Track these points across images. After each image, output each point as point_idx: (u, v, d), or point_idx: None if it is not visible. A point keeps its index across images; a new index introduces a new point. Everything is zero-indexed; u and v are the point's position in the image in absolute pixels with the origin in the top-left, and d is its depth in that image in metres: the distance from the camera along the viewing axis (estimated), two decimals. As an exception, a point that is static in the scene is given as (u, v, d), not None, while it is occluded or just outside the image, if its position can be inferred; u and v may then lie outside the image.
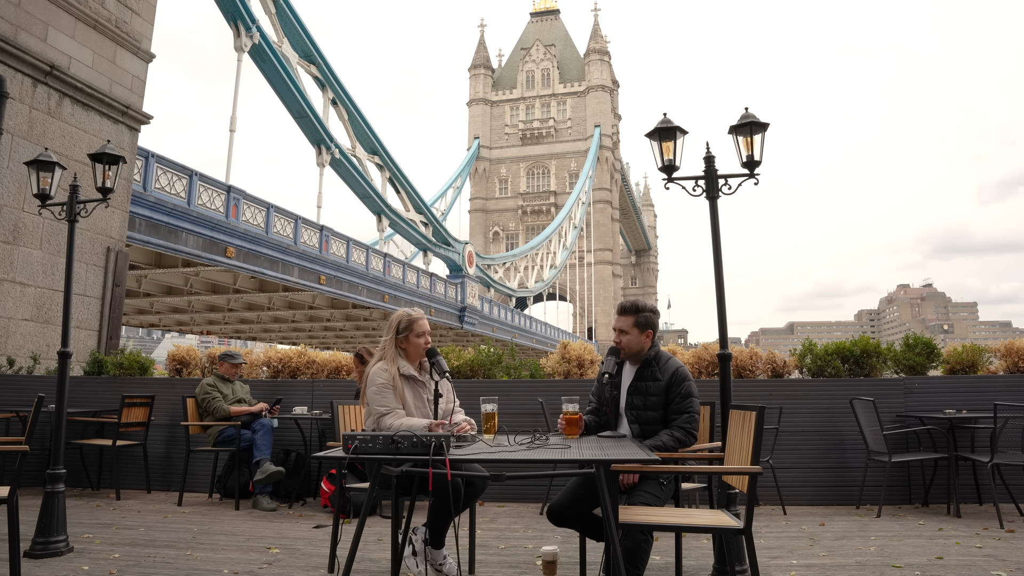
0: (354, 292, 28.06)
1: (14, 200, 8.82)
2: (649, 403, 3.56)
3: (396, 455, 2.84)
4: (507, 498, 6.44)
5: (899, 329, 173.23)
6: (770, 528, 5.19)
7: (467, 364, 7.14)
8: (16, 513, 3.60)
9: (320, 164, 28.73)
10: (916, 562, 4.13)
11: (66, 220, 4.97)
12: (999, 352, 6.73)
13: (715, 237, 4.15)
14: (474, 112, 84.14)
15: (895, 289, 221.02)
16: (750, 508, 2.95)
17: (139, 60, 10.91)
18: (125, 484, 6.97)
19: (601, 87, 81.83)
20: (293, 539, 4.97)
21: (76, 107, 9.73)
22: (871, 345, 6.65)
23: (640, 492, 3.34)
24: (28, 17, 9.05)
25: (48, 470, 4.60)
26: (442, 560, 3.68)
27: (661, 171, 4.17)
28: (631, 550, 3.00)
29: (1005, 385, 6.22)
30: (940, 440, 5.93)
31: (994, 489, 5.35)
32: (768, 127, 4.10)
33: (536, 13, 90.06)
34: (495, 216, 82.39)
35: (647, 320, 3.65)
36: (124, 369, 7.97)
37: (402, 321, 3.80)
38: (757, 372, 6.82)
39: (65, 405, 4.73)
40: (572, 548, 4.17)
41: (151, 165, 17.78)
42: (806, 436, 6.27)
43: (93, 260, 10.03)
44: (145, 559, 4.35)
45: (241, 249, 21.41)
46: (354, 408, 4.67)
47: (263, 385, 7.39)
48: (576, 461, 2.83)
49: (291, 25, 27.23)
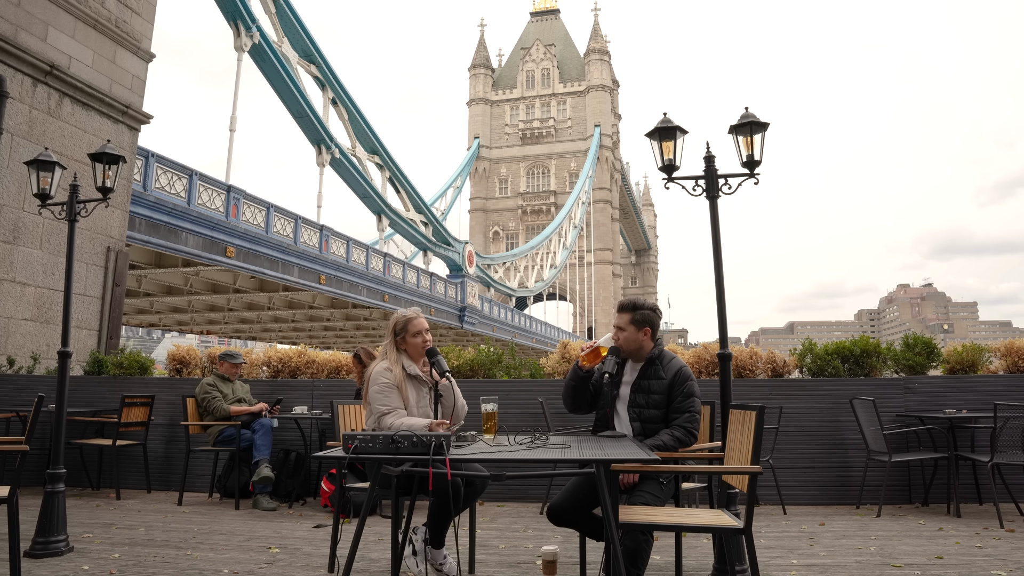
0: (354, 292, 28.06)
1: (14, 200, 8.82)
2: (652, 402, 3.56)
3: (396, 455, 2.84)
4: (507, 498, 6.44)
5: (899, 329, 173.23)
6: (770, 528, 5.19)
7: (467, 364, 7.14)
8: (16, 513, 3.60)
9: (320, 164, 28.72)
10: (916, 562, 4.13)
11: (66, 220, 4.97)
12: (999, 352, 6.72)
13: (715, 237, 4.15)
14: (474, 112, 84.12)
15: (895, 289, 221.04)
16: (750, 508, 2.95)
17: (139, 60, 10.91)
18: (125, 484, 6.97)
19: (601, 87, 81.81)
20: (293, 539, 4.97)
21: (76, 107, 9.73)
22: (871, 345, 6.65)
23: (640, 492, 3.34)
24: (28, 17, 9.05)
25: (48, 470, 4.60)
26: (442, 560, 3.69)
27: (661, 171, 4.17)
28: (631, 550, 3.00)
29: (1005, 385, 6.22)
30: (940, 440, 5.93)
31: (994, 489, 5.35)
32: (768, 127, 4.10)
33: (536, 13, 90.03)
34: (495, 216, 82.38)
35: (644, 318, 3.65)
36: (124, 369, 7.97)
37: (398, 322, 3.83)
38: (757, 372, 6.82)
39: (65, 405, 4.73)
40: (572, 548, 4.17)
41: (151, 165, 17.78)
42: (806, 436, 6.27)
43: (93, 260, 10.03)
44: (145, 559, 4.35)
45: (241, 249, 21.41)
46: (354, 408, 4.67)
47: (263, 385, 7.39)
48: (576, 461, 2.83)
49: (291, 25, 27.23)
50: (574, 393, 3.73)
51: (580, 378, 3.68)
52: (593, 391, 3.76)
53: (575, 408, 3.79)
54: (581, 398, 3.74)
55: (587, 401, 3.75)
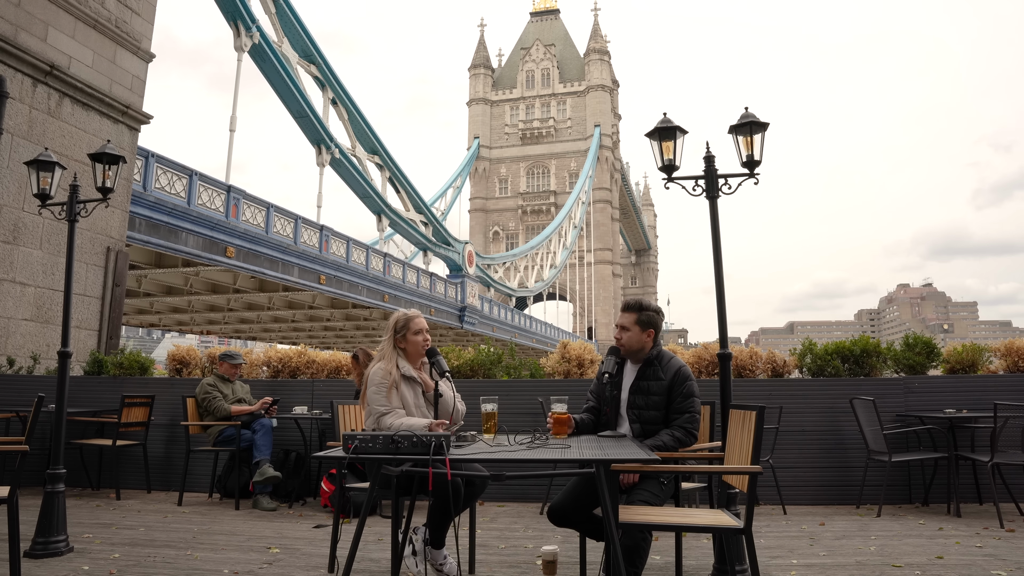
0: (354, 292, 28.06)
1: (14, 200, 8.82)
2: (651, 402, 3.56)
3: (396, 455, 2.85)
4: (507, 498, 6.44)
5: (899, 329, 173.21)
6: (770, 528, 5.19)
7: (467, 364, 7.14)
8: (16, 513, 3.60)
9: (320, 164, 28.72)
10: (916, 562, 4.13)
11: (66, 220, 4.97)
12: (999, 352, 6.72)
13: (715, 237, 4.15)
14: (474, 112, 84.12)
15: (895, 289, 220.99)
16: (750, 508, 2.95)
17: (139, 60, 10.91)
18: (125, 484, 6.97)
19: (601, 87, 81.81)
20: (293, 539, 4.97)
21: (76, 107, 9.73)
22: (871, 345, 6.65)
23: (640, 491, 3.34)
24: (28, 17, 9.05)
25: (48, 470, 4.60)
26: (442, 560, 3.69)
27: (661, 171, 4.17)
28: (629, 549, 3.00)
29: (1005, 385, 6.22)
30: (940, 440, 5.93)
31: (994, 489, 5.35)
32: (768, 127, 4.11)
33: (536, 13, 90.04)
34: (495, 216, 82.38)
35: (649, 319, 3.65)
36: (124, 369, 7.97)
37: (399, 321, 3.85)
38: (757, 372, 6.82)
39: (65, 405, 4.73)
40: (572, 548, 4.17)
41: (151, 165, 17.77)
42: (806, 436, 6.27)
43: (93, 260, 10.03)
44: (145, 559, 4.35)
45: (241, 249, 21.40)
46: (354, 408, 4.67)
47: (263, 385, 7.39)
48: (576, 461, 2.83)
49: (291, 25, 27.23)
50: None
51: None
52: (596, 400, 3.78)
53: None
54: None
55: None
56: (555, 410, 3.51)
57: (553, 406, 3.53)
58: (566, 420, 3.53)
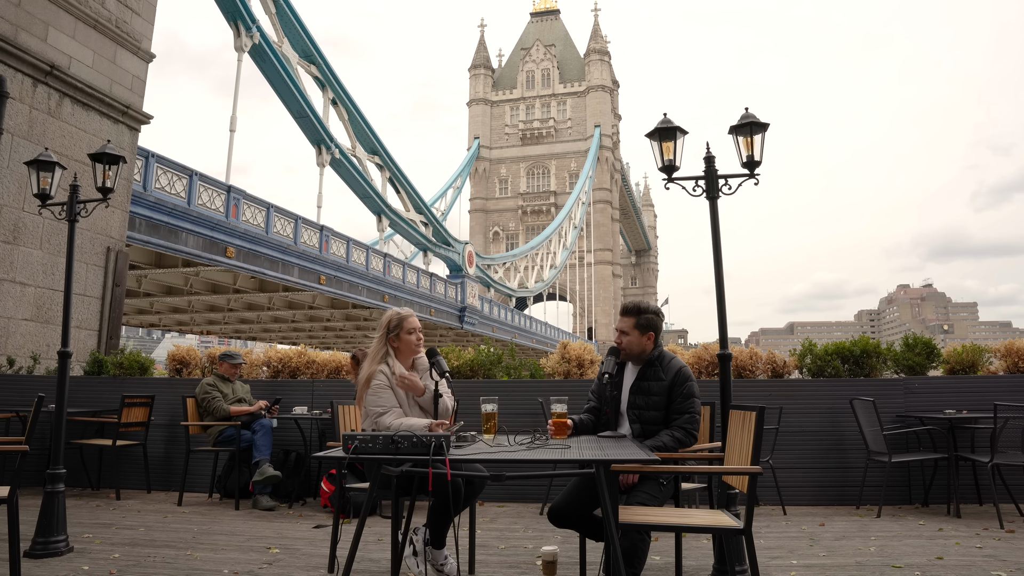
0: (354, 292, 28.06)
1: (14, 200, 8.82)
2: (651, 403, 3.56)
3: (396, 455, 2.85)
4: (507, 498, 6.44)
5: (899, 329, 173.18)
6: (770, 528, 5.19)
7: (467, 364, 7.14)
8: (16, 513, 3.60)
9: (320, 164, 28.74)
10: (916, 562, 4.13)
11: (66, 220, 4.97)
12: (999, 352, 6.72)
13: (715, 237, 4.15)
14: (474, 112, 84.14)
15: (895, 289, 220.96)
16: (750, 508, 2.95)
17: (139, 60, 10.91)
18: (125, 484, 6.97)
19: (601, 87, 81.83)
20: (293, 539, 4.97)
21: (76, 107, 9.73)
22: (871, 345, 6.65)
23: (639, 492, 3.34)
24: (28, 17, 9.05)
25: (48, 470, 4.60)
26: (443, 560, 3.69)
27: (661, 171, 4.18)
28: (628, 550, 3.00)
29: (1005, 385, 6.22)
30: (940, 440, 5.93)
31: (994, 489, 5.35)
32: (768, 127, 4.11)
33: (536, 13, 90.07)
34: (495, 216, 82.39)
35: (648, 322, 3.65)
36: (124, 369, 7.97)
37: (392, 319, 3.83)
38: (757, 372, 6.82)
39: (65, 405, 4.73)
40: (572, 548, 4.17)
41: (151, 165, 17.77)
42: (806, 436, 6.27)
43: (93, 260, 10.03)
44: (145, 559, 4.35)
45: (241, 249, 21.41)
46: (354, 408, 4.67)
47: (263, 385, 7.39)
48: (576, 461, 2.83)
49: (291, 25, 27.24)
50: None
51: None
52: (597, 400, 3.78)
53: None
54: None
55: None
56: (555, 410, 3.51)
57: (553, 406, 3.53)
58: (565, 424, 3.54)
